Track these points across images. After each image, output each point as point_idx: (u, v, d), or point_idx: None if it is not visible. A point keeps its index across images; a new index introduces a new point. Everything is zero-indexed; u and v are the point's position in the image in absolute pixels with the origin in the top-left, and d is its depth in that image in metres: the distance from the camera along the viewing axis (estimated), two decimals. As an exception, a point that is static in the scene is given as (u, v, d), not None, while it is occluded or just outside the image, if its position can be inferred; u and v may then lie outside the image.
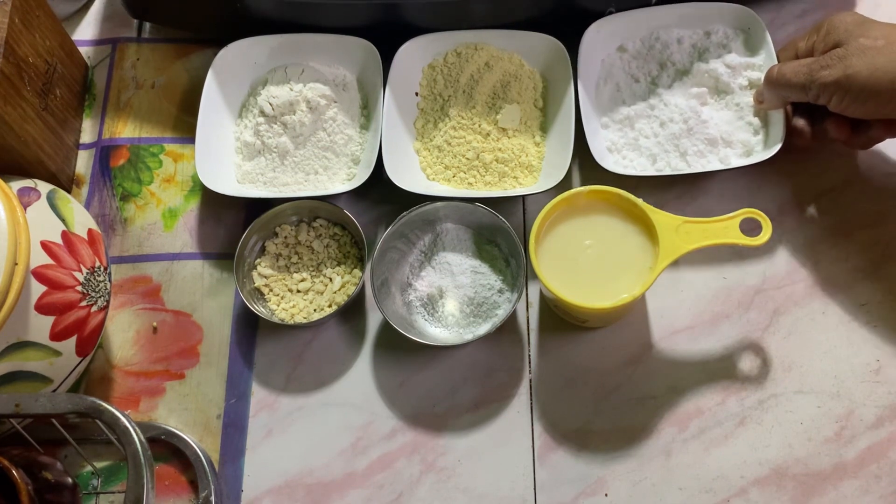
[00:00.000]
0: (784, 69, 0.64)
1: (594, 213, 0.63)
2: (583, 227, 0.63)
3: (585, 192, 0.62)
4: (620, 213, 0.63)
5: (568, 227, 0.63)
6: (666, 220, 0.60)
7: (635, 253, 0.61)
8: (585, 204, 0.63)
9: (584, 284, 0.61)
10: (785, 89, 0.64)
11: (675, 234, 0.60)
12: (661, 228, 0.60)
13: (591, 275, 0.61)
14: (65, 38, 0.76)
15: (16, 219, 0.57)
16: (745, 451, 0.63)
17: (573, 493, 0.63)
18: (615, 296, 0.60)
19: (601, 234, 0.62)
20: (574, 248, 0.62)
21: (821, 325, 0.66)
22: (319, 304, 0.68)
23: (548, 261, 0.62)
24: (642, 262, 0.61)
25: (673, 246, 0.60)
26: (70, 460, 0.65)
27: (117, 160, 0.77)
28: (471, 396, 0.66)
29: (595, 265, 0.62)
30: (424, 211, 0.67)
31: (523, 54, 0.74)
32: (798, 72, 0.62)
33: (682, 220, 0.60)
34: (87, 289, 0.61)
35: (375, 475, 0.64)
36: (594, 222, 0.63)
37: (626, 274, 0.61)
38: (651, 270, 0.60)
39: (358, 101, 0.75)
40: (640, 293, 0.59)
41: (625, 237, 0.62)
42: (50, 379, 0.60)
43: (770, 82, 0.65)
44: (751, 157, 0.68)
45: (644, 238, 0.61)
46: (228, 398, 0.67)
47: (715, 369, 0.65)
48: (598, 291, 0.60)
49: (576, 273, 0.61)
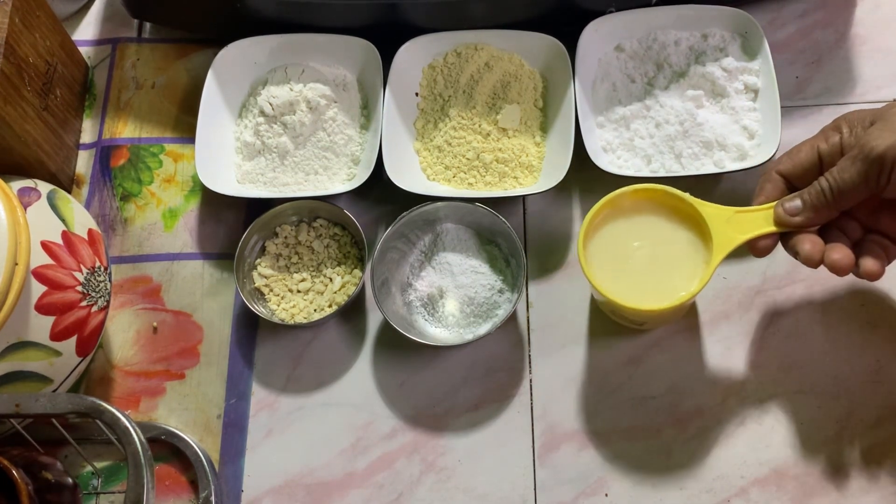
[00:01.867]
0: (832, 177, 0.55)
1: (639, 212, 0.61)
2: (629, 229, 0.61)
3: (630, 192, 0.60)
4: (665, 210, 0.61)
5: (614, 229, 0.61)
6: (716, 212, 0.58)
7: (687, 249, 0.60)
8: (630, 205, 0.61)
9: (639, 287, 0.59)
10: (844, 197, 0.55)
11: (727, 225, 0.58)
12: (712, 221, 0.58)
13: (644, 276, 0.60)
14: (65, 38, 0.76)
15: (16, 219, 0.57)
16: (745, 451, 0.63)
17: (573, 493, 0.63)
18: (672, 295, 0.58)
19: (649, 233, 0.61)
20: (623, 251, 0.61)
21: (821, 325, 0.66)
22: (319, 305, 0.68)
23: (598, 266, 0.60)
24: (695, 258, 0.59)
25: (726, 238, 0.58)
26: (70, 460, 0.65)
27: (117, 160, 0.77)
28: (471, 396, 0.66)
29: (647, 266, 0.60)
30: (424, 211, 0.67)
31: (523, 54, 0.74)
32: (845, 168, 0.54)
33: (734, 210, 0.58)
34: (87, 289, 0.61)
35: (375, 475, 0.64)
36: (640, 223, 0.61)
37: (680, 271, 0.59)
38: (707, 265, 0.58)
39: (358, 101, 0.75)
40: (699, 289, 0.58)
41: (674, 234, 0.60)
42: (50, 379, 0.60)
43: (821, 202, 0.55)
44: (745, 161, 0.68)
45: (693, 234, 0.60)
46: (228, 398, 0.67)
47: (715, 369, 0.65)
48: (654, 292, 0.58)
49: (628, 276, 0.60)
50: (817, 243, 0.56)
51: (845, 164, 0.54)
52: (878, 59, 0.75)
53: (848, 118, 0.57)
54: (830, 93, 0.74)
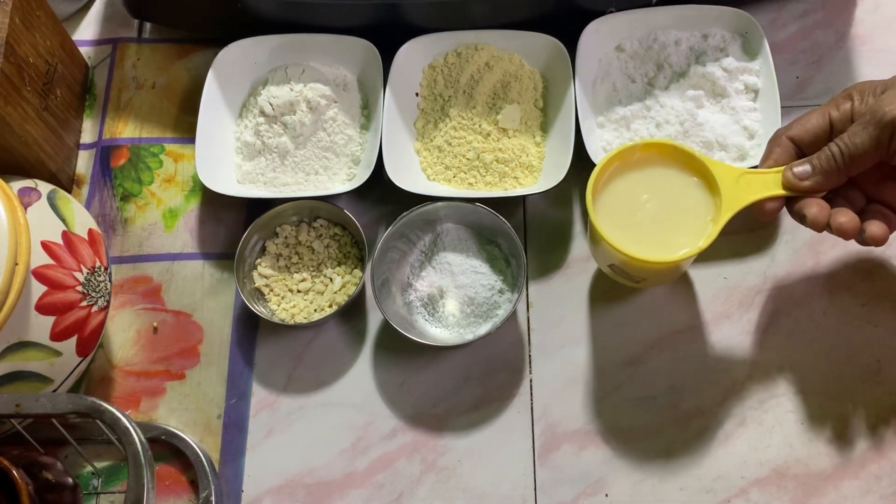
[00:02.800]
0: (843, 142, 0.55)
1: (649, 166, 0.60)
2: (639, 182, 0.60)
3: (640, 145, 0.60)
4: (677, 165, 0.60)
5: (624, 182, 0.60)
6: (726, 171, 0.58)
7: (695, 206, 0.59)
8: (640, 158, 0.60)
9: (645, 239, 0.58)
10: (855, 162, 0.55)
11: (735, 184, 0.58)
12: (722, 180, 0.58)
13: (651, 229, 0.59)
14: (65, 38, 0.76)
15: (16, 219, 0.57)
16: (745, 451, 0.63)
17: (573, 493, 0.63)
18: (677, 250, 0.58)
19: (659, 187, 0.60)
20: (632, 203, 0.60)
21: (821, 325, 0.66)
22: (320, 305, 0.68)
23: (605, 217, 0.59)
24: (703, 216, 0.58)
25: (735, 197, 0.57)
26: (70, 460, 0.65)
27: (118, 160, 0.77)
28: (471, 396, 0.66)
29: (654, 219, 0.59)
30: (425, 211, 0.67)
31: (524, 54, 0.74)
32: (857, 133, 0.54)
33: (743, 170, 0.58)
34: (87, 289, 0.61)
35: (376, 475, 0.64)
36: (651, 175, 0.60)
37: (687, 227, 0.58)
38: (714, 223, 0.58)
39: (358, 102, 0.75)
40: (705, 246, 0.57)
41: (684, 190, 0.60)
42: (50, 379, 0.60)
43: (831, 167, 0.56)
44: (745, 161, 0.68)
45: (703, 191, 0.59)
46: (229, 398, 0.67)
47: (715, 369, 0.65)
48: (659, 246, 0.58)
49: (635, 228, 0.59)
50: (824, 207, 0.56)
51: (857, 129, 0.55)
52: (878, 60, 0.75)
53: (859, 87, 0.57)
54: (831, 93, 0.74)
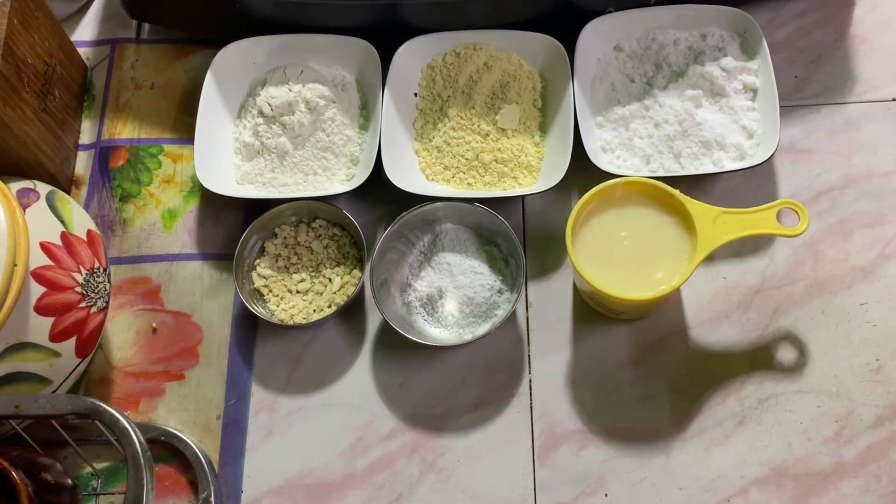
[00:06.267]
0: None
1: (630, 204, 0.62)
2: (618, 219, 0.62)
3: (621, 183, 0.62)
4: (656, 204, 0.62)
5: (604, 219, 0.62)
6: (703, 210, 0.60)
7: (672, 244, 0.61)
8: (621, 196, 0.62)
9: (621, 276, 0.60)
10: None
11: (712, 224, 0.59)
12: (699, 219, 0.60)
13: (627, 266, 0.61)
14: (64, 38, 0.76)
15: (15, 220, 0.57)
16: (745, 451, 0.63)
17: (573, 493, 0.63)
18: (653, 287, 0.59)
19: (637, 225, 0.62)
20: (610, 240, 0.62)
21: (821, 325, 0.66)
22: (319, 305, 0.68)
23: (584, 253, 0.61)
24: (679, 254, 0.60)
25: (711, 236, 0.59)
26: (70, 461, 0.65)
27: (116, 161, 0.77)
28: (471, 396, 0.66)
29: (632, 257, 0.61)
30: (424, 211, 0.67)
31: (522, 54, 0.74)
32: None
33: (720, 210, 0.60)
34: (86, 290, 0.61)
35: (375, 475, 0.64)
36: (630, 214, 0.62)
37: (663, 265, 0.60)
38: (689, 261, 0.60)
39: (357, 102, 0.75)
40: (679, 284, 0.59)
41: (661, 229, 0.62)
42: (49, 380, 0.60)
43: None
44: (744, 160, 0.68)
45: (681, 229, 0.61)
46: (228, 399, 0.67)
47: (715, 369, 0.65)
48: (636, 283, 0.60)
49: (613, 265, 0.61)
50: None
51: None
52: (876, 59, 0.75)
53: None
54: (829, 92, 0.74)
